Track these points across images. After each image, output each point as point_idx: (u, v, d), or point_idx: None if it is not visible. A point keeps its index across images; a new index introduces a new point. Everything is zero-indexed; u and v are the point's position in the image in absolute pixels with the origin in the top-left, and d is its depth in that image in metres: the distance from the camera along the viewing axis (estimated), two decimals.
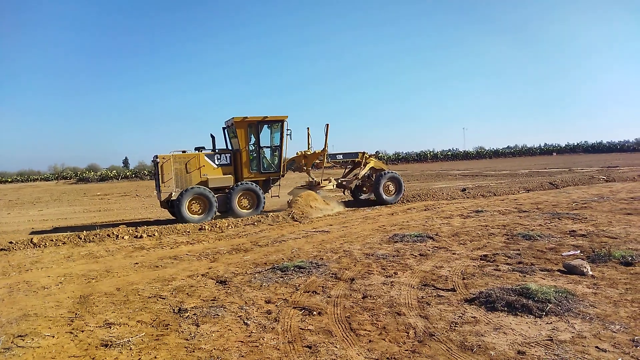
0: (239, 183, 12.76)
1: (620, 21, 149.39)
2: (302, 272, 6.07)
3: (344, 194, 16.14)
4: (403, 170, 40.54)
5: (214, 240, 9.41)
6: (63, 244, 9.58)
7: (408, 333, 3.88)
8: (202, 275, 6.36)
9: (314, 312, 4.50)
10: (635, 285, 4.81)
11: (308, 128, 14.31)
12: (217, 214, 12.51)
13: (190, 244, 9.11)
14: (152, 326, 4.38)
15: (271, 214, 12.01)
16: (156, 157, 12.39)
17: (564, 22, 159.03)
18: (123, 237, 9.92)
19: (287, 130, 13.33)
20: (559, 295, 4.39)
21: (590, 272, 5.31)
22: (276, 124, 13.37)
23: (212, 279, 6.08)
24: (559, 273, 5.43)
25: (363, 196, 15.65)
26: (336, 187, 15.11)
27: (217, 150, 13.37)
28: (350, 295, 5.03)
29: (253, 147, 13.22)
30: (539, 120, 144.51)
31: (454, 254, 6.87)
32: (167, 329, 4.28)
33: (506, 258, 6.34)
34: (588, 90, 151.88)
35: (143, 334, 4.17)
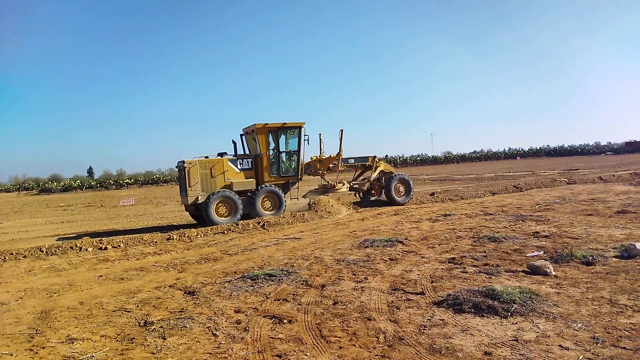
0: (262, 186, 13.30)
1: (570, 25, 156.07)
2: (272, 280, 6.01)
3: (355, 196, 16.78)
4: None
5: (182, 250, 9.22)
6: (23, 257, 9.18)
7: (378, 338, 3.89)
8: (169, 286, 6.21)
9: (285, 321, 4.46)
10: (596, 284, 4.98)
11: (320, 134, 14.88)
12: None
13: (158, 254, 8.89)
14: (117, 340, 4.24)
15: (241, 222, 11.89)
16: (183, 162, 12.90)
17: (518, 28, 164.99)
18: (87, 249, 9.60)
19: (305, 135, 13.96)
20: (524, 296, 4.50)
21: (553, 272, 5.47)
22: (294, 129, 13.97)
23: (180, 290, 5.94)
24: (523, 274, 5.58)
25: (372, 198, 16.32)
26: (349, 190, 15.73)
27: (238, 155, 13.95)
28: (321, 302, 5.01)
29: (273, 152, 13.81)
30: (503, 126, 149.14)
31: (423, 257, 6.95)
32: (133, 343, 4.15)
33: (473, 260, 6.47)
34: (550, 97, 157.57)
35: (107, 349, 4.02)
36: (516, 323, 4.01)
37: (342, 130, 14.98)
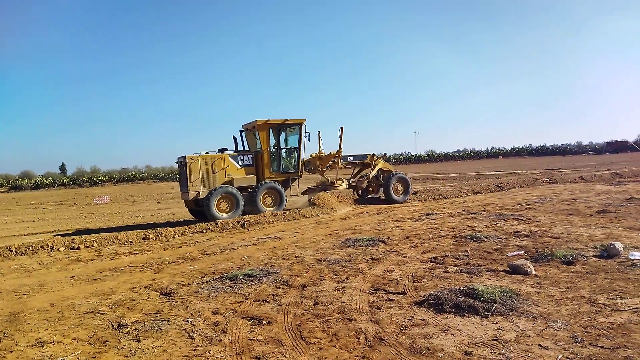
0: (263, 182, 13.53)
1: (555, 25, 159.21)
2: (252, 281, 5.99)
3: (353, 193, 17.06)
4: None
5: (158, 249, 9.11)
6: None
7: (359, 339, 3.91)
8: (144, 287, 6.13)
9: (264, 322, 4.45)
10: (576, 284, 5.09)
11: (319, 131, 15.05)
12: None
13: (133, 254, 8.77)
14: (89, 343, 4.16)
15: (220, 220, 11.80)
16: (184, 157, 12.99)
17: (502, 27, 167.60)
18: (58, 249, 9.40)
19: (306, 132, 14.18)
20: (504, 295, 4.58)
21: (534, 272, 5.58)
22: (295, 126, 14.23)
23: (156, 291, 5.87)
24: (504, 273, 5.67)
25: (370, 195, 16.87)
26: (347, 187, 16.10)
27: (239, 152, 14.16)
28: (302, 302, 5.01)
29: (274, 149, 14.06)
30: (486, 125, 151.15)
31: (405, 257, 7.01)
32: (106, 345, 4.09)
33: (455, 260, 6.55)
34: (533, 96, 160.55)
35: (79, 352, 3.95)
36: (496, 322, 4.08)
37: (342, 127, 15.35)
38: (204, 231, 10.98)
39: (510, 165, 43.29)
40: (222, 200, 12.88)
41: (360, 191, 16.88)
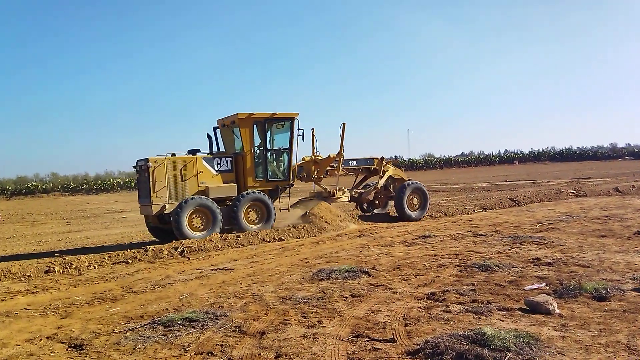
0: (246, 192, 13.60)
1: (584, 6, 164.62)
2: (193, 327, 5.91)
3: (356, 207, 17.53)
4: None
5: (67, 286, 8.93)
6: None
7: None
8: (47, 337, 5.98)
9: None
10: (610, 326, 5.22)
11: (313, 129, 15.50)
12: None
13: (32, 293, 8.57)
14: None
15: (151, 247, 11.63)
16: (146, 160, 12.97)
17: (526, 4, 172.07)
18: None
19: (299, 130, 14.46)
20: (520, 341, 4.65)
21: (558, 310, 5.70)
22: (285, 122, 14.51)
23: (63, 343, 5.73)
24: (520, 312, 5.78)
25: (376, 210, 17.22)
26: (349, 199, 16.37)
27: (215, 154, 14.38)
28: (259, 355, 4.97)
29: (258, 150, 14.27)
30: (498, 122, 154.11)
31: (394, 293, 7.06)
32: None
33: (458, 296, 6.64)
34: (558, 87, 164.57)
35: None
36: None
37: (344, 124, 15.51)
38: (129, 261, 10.81)
39: (528, 174, 44.37)
40: (194, 215, 12.90)
41: (367, 204, 17.06)
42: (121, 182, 57.65)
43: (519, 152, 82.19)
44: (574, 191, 21.48)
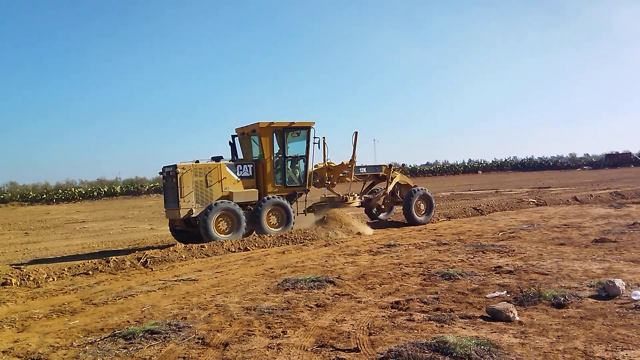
0: (267, 197, 14.43)
1: (545, 19, 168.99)
2: (155, 339, 5.84)
3: (365, 212, 18.40)
4: None
5: (24, 299, 8.70)
6: None
7: None
8: (3, 352, 5.81)
9: None
10: (568, 332, 5.36)
11: (324, 137, 16.13)
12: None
13: None
14: None
15: (113, 258, 11.44)
16: (174, 167, 13.79)
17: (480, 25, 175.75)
18: None
19: (315, 138, 15.47)
20: (481, 349, 4.73)
21: (518, 318, 5.82)
22: (301, 130, 15.43)
23: (19, 357, 5.59)
24: (481, 320, 5.88)
25: (381, 215, 18.26)
26: (359, 205, 17.05)
27: (237, 160, 15.35)
28: None
29: (278, 157, 15.12)
30: (462, 132, 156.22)
31: (359, 302, 7.10)
32: None
33: (422, 304, 6.72)
34: (518, 98, 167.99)
35: None
36: None
37: (356, 132, 16.44)
38: (90, 272, 10.60)
39: (492, 183, 45.22)
40: (221, 218, 13.73)
41: (375, 209, 18.05)
42: (83, 192, 56.35)
43: (482, 162, 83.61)
44: (534, 200, 21.96)
